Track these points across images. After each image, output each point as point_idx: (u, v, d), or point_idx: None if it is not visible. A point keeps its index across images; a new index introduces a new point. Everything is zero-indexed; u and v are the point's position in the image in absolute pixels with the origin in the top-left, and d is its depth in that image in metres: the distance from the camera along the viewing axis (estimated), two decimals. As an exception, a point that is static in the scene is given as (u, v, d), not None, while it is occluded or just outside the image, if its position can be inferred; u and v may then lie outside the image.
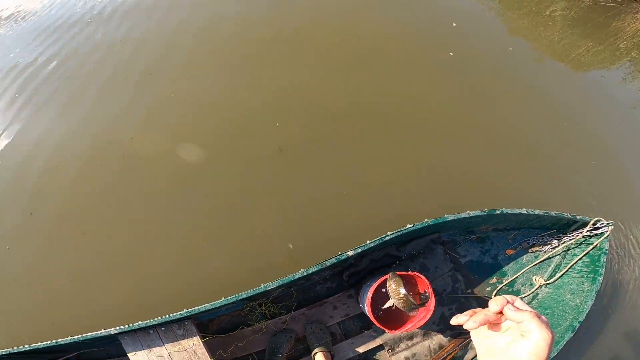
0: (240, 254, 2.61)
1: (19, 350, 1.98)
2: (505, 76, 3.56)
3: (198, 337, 1.92)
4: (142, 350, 1.94)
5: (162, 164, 3.08)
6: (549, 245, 2.25)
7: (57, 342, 1.96)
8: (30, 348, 1.98)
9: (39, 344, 1.99)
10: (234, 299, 1.83)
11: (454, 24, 4.00)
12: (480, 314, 0.61)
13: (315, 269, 1.90)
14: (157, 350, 1.94)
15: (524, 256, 2.35)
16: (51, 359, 2.32)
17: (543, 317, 0.58)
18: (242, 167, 2.99)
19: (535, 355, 0.56)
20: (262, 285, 1.84)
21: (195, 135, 3.23)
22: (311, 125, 3.18)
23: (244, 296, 1.82)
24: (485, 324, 0.61)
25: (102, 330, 1.84)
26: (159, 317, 1.82)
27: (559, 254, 2.27)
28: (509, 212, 2.04)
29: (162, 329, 1.89)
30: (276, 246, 2.61)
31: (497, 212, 2.03)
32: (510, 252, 2.35)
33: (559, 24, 4.13)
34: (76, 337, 1.93)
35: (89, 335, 1.89)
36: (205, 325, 2.19)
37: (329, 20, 4.07)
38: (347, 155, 2.99)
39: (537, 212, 2.06)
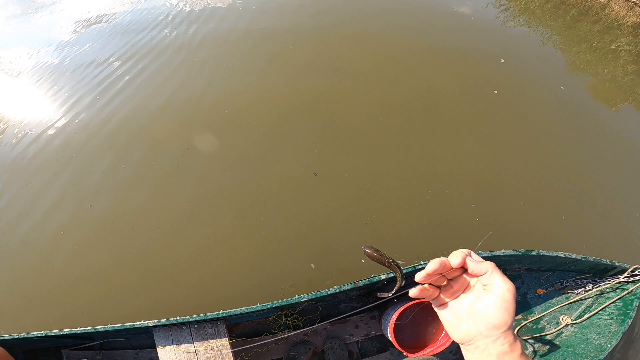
0: (265, 267, 2.69)
1: (54, 334, 2.08)
2: (553, 115, 3.47)
3: (227, 338, 1.98)
4: (171, 345, 2.01)
5: (207, 171, 3.27)
6: (582, 288, 2.23)
7: (87, 330, 2.05)
8: (62, 333, 2.08)
9: (71, 329, 2.08)
10: (267, 307, 1.88)
11: (502, 60, 3.99)
12: (434, 262, 0.57)
13: (347, 287, 1.94)
14: (185, 346, 2.01)
15: (555, 296, 2.32)
16: (76, 344, 2.43)
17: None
18: (278, 186, 3.13)
19: (503, 308, 0.54)
20: (297, 296, 1.90)
21: (239, 143, 3.44)
22: (348, 157, 3.29)
23: (277, 304, 1.87)
24: (440, 273, 0.59)
25: (142, 322, 1.93)
26: (196, 315, 1.90)
27: (591, 297, 2.24)
28: (545, 254, 2.03)
29: (195, 326, 1.96)
30: (300, 264, 2.68)
31: (533, 253, 2.03)
32: (541, 291, 2.32)
33: (623, 59, 3.98)
34: (109, 326, 2.02)
35: (127, 325, 1.97)
36: (231, 328, 2.26)
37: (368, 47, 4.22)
38: (377, 188, 3.05)
39: (574, 256, 2.05)
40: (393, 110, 3.49)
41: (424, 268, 0.58)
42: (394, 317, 2.02)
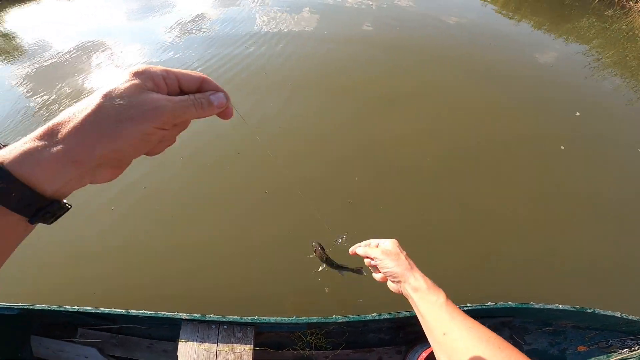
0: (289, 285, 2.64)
1: (78, 310, 2.04)
2: (628, 185, 3.24)
3: (252, 345, 1.90)
4: (195, 342, 1.93)
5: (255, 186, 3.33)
6: (628, 348, 2.11)
7: (112, 311, 2.01)
8: (87, 311, 2.04)
9: (97, 308, 2.04)
10: (302, 321, 1.81)
11: (577, 114, 3.82)
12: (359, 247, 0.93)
13: (386, 316, 1.86)
14: (208, 345, 1.93)
15: (596, 355, 2.19)
16: (95, 324, 2.37)
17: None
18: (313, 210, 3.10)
19: (391, 243, 0.86)
20: (334, 316, 1.82)
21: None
22: (384, 187, 3.27)
23: (313, 320, 1.80)
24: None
25: (174, 313, 1.88)
26: (229, 316, 1.84)
27: (634, 357, 2.12)
28: (601, 312, 1.93)
29: (225, 327, 1.89)
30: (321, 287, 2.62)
31: (589, 310, 1.92)
32: (582, 348, 2.20)
33: None
34: (139, 311, 1.97)
35: (158, 313, 1.92)
36: (256, 335, 2.18)
37: (438, 89, 4.26)
38: (416, 221, 2.98)
39: (631, 317, 1.94)
40: (453, 153, 3.46)
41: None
42: (423, 355, 1.93)
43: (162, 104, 0.41)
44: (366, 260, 0.90)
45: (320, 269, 1.18)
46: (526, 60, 5.26)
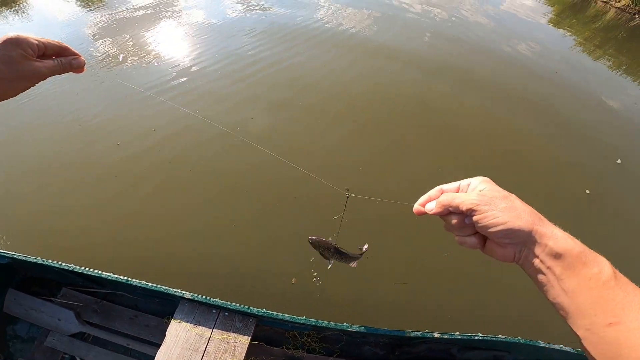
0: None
1: (67, 267, 1.89)
2: None
3: (249, 337, 1.80)
4: (189, 323, 1.81)
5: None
6: None
7: (102, 274, 1.86)
8: (77, 270, 1.89)
9: (89, 269, 1.89)
10: (312, 323, 1.72)
11: (619, 161, 3.69)
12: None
13: (387, 332, 1.79)
14: (202, 329, 1.81)
15: None
16: (82, 285, 2.20)
17: None
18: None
19: (487, 182, 0.60)
20: (345, 323, 1.73)
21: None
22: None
23: (319, 324, 1.71)
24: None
25: (177, 290, 1.75)
26: (235, 304, 1.72)
27: None
28: None
29: (226, 314, 1.78)
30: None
31: None
32: None
33: None
34: (136, 281, 1.83)
35: (160, 287, 1.79)
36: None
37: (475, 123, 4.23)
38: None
39: None
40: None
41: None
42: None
43: (42, 70, 0.65)
44: (437, 213, 0.64)
45: (329, 266, 1.08)
46: (593, 101, 5.09)
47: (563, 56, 6.78)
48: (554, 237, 0.51)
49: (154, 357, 2.14)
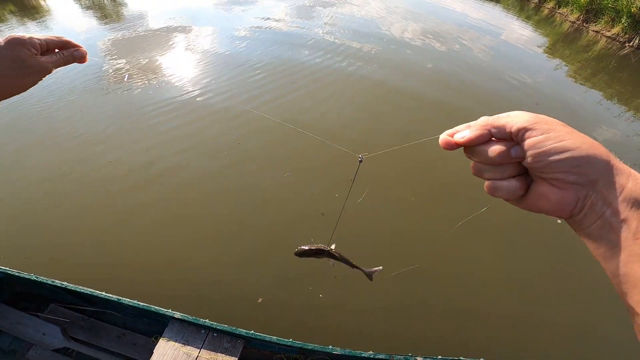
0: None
1: (59, 285, 1.92)
2: None
3: (236, 358, 1.86)
4: (177, 342, 1.86)
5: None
6: None
7: (94, 293, 1.91)
8: (69, 287, 1.93)
9: (81, 287, 1.93)
10: (297, 345, 1.79)
11: None
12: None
13: (380, 356, 1.87)
14: (190, 348, 1.86)
15: None
16: (72, 302, 2.21)
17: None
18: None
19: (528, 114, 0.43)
20: (331, 346, 1.82)
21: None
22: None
23: (309, 347, 1.79)
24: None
25: (168, 310, 1.80)
26: (224, 325, 1.79)
27: None
28: None
29: (214, 335, 1.84)
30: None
31: None
32: None
33: None
34: (127, 300, 1.88)
35: (149, 306, 1.84)
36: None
37: None
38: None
39: None
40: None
41: None
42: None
43: (47, 65, 0.70)
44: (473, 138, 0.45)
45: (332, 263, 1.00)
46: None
47: (553, 88, 6.95)
48: (633, 176, 0.39)
49: (138, 374, 2.17)
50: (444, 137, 0.48)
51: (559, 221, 3.36)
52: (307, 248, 1.01)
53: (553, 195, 0.41)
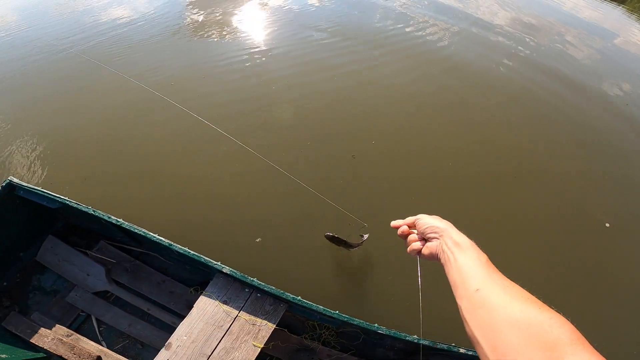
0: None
1: (112, 220, 1.92)
2: None
3: (276, 323, 1.82)
4: (218, 300, 1.84)
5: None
6: None
7: (146, 233, 1.89)
8: (122, 224, 1.92)
9: (132, 225, 1.92)
10: (337, 316, 1.73)
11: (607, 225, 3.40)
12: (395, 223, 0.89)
13: (407, 337, 1.79)
14: (229, 308, 1.83)
15: None
16: (121, 241, 2.23)
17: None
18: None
19: (433, 220, 0.80)
20: (376, 325, 1.74)
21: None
22: None
23: (344, 319, 1.72)
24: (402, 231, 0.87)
25: (217, 263, 1.77)
26: (271, 286, 1.74)
27: None
28: None
29: (258, 295, 1.80)
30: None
31: None
32: None
33: None
34: (173, 243, 1.86)
35: (193, 253, 1.81)
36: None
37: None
38: None
39: None
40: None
41: None
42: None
43: None
44: (403, 230, 0.87)
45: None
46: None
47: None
48: (458, 233, 0.75)
49: (170, 324, 2.19)
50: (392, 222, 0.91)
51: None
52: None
53: (431, 245, 0.78)
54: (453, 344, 1.75)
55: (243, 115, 3.95)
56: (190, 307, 1.90)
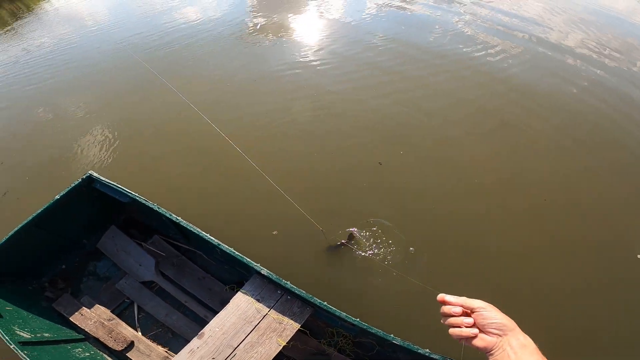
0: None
1: (174, 218, 2.21)
2: None
3: (300, 324, 2.03)
4: (252, 297, 2.08)
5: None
6: None
7: (197, 231, 2.15)
8: (180, 222, 2.20)
9: (188, 223, 2.20)
10: (357, 323, 1.91)
11: None
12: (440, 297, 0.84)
13: (420, 351, 1.87)
14: (262, 305, 2.06)
15: None
16: (173, 237, 2.51)
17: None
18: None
19: (499, 315, 0.78)
20: (392, 337, 1.89)
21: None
22: None
23: (363, 326, 1.89)
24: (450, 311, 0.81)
25: (253, 262, 2.02)
26: (300, 290, 1.97)
27: None
28: None
29: (288, 297, 2.04)
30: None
31: None
32: None
33: None
34: (218, 241, 2.12)
35: (235, 253, 2.07)
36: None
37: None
38: None
39: None
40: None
41: None
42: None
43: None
44: (452, 312, 0.82)
45: None
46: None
47: None
48: (523, 335, 0.77)
49: (202, 318, 2.44)
50: (440, 295, 0.85)
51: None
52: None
53: (487, 337, 0.77)
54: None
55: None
56: (224, 303, 2.15)
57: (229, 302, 2.10)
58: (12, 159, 4.21)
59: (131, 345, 2.40)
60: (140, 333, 2.51)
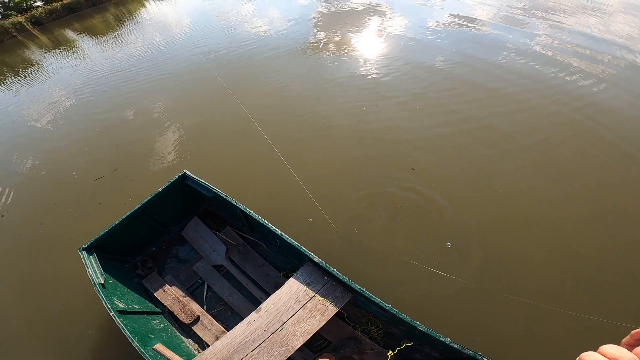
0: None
1: (248, 212, 2.73)
2: None
3: (340, 307, 2.44)
4: (303, 282, 2.54)
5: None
6: None
7: (266, 224, 2.61)
8: (254, 216, 2.69)
9: (261, 218, 2.66)
10: (389, 309, 2.23)
11: None
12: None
13: (454, 345, 2.06)
14: (309, 289, 2.50)
15: None
16: (241, 228, 3.03)
17: None
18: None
19: None
20: (426, 328, 2.14)
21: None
22: None
23: (394, 312, 2.19)
24: None
25: (307, 250, 2.48)
26: (345, 277, 2.39)
27: None
28: None
29: (333, 283, 2.48)
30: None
31: None
32: None
33: None
34: (286, 235, 2.58)
35: (294, 243, 2.52)
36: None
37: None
38: None
39: None
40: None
41: None
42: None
43: None
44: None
45: None
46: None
47: None
48: None
49: (258, 299, 2.92)
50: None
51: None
52: None
53: None
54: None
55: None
56: (277, 287, 2.62)
57: (281, 286, 2.55)
58: (124, 147, 5.44)
59: (197, 319, 2.90)
60: (205, 310, 3.05)
